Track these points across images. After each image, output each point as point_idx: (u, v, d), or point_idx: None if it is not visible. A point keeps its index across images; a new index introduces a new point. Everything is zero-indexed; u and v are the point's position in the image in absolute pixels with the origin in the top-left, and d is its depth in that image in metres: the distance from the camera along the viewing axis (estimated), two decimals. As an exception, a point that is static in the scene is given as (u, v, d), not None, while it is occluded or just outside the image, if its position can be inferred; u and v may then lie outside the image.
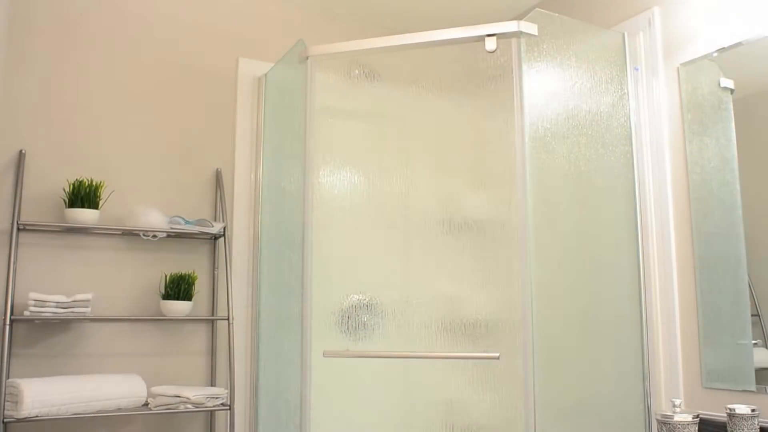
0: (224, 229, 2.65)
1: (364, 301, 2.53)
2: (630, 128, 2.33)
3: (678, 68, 2.25)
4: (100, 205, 2.47)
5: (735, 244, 1.98)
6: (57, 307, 2.30)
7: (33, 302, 2.27)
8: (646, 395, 2.18)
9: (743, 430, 1.81)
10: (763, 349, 1.90)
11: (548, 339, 2.19)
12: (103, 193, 2.60)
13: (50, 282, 2.48)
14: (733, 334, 1.98)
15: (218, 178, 2.79)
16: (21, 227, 2.40)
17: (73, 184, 2.41)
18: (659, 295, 2.21)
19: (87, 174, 2.58)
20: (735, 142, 2.01)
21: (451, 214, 2.59)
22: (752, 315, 1.92)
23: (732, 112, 2.02)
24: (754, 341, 1.92)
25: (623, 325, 2.26)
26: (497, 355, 2.21)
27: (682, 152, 2.21)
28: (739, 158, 1.99)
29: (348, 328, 2.50)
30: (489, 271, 2.49)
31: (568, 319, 2.27)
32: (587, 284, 2.32)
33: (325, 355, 2.32)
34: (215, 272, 2.76)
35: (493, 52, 2.25)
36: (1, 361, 2.26)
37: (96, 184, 2.45)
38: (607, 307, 2.29)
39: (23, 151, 2.48)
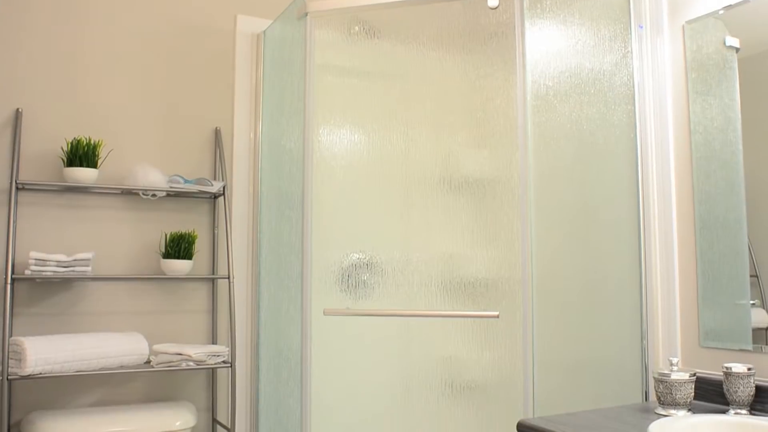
0: (224, 188, 2.64)
1: (364, 260, 2.53)
2: (633, 87, 2.31)
3: (683, 26, 2.21)
4: (98, 164, 2.47)
5: (736, 205, 1.98)
6: (58, 266, 2.31)
7: (34, 261, 2.28)
8: (643, 353, 2.19)
9: (739, 388, 1.83)
10: (761, 310, 1.91)
11: (548, 298, 2.20)
12: (102, 152, 2.59)
13: (50, 241, 2.49)
14: (731, 294, 1.98)
15: (217, 136, 2.77)
16: (20, 186, 2.39)
17: (71, 143, 2.40)
18: (659, 255, 2.22)
19: (85, 132, 2.57)
20: (739, 101, 1.98)
21: (451, 173, 2.58)
22: (751, 276, 1.93)
23: (737, 72, 1.99)
24: (752, 301, 1.93)
25: (623, 285, 2.27)
26: (497, 313, 2.22)
27: (685, 112, 2.18)
28: (743, 118, 1.97)
29: (348, 287, 2.51)
30: (489, 230, 2.49)
31: (567, 278, 2.28)
32: (587, 243, 2.32)
33: (326, 313, 2.34)
34: (215, 231, 2.77)
35: (496, 8, 2.21)
36: (4, 320, 2.28)
37: (94, 143, 2.44)
38: (607, 267, 2.30)
39: (20, 110, 2.46)
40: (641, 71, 2.31)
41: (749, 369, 1.83)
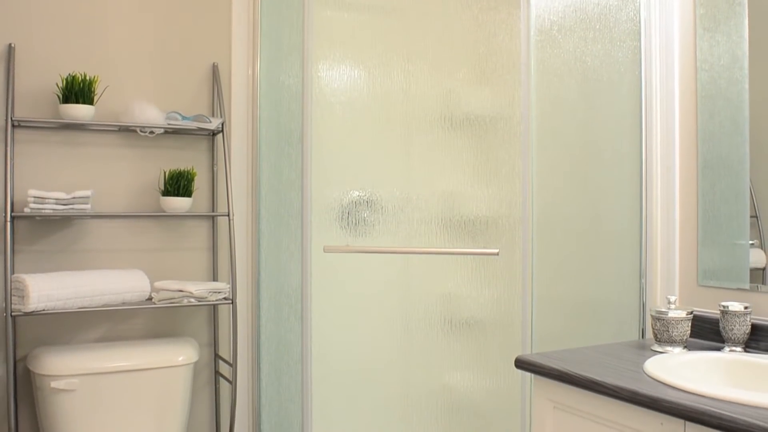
0: (222, 124, 2.61)
1: (364, 197, 2.53)
2: (639, 23, 2.25)
3: (692, -42, 2.15)
4: (95, 101, 2.43)
5: (739, 145, 1.96)
6: (57, 203, 2.31)
7: (33, 199, 2.27)
8: (642, 292, 2.21)
9: (735, 326, 1.85)
10: (759, 250, 1.91)
11: (548, 235, 2.20)
12: (98, 89, 2.55)
13: (48, 179, 2.47)
14: (730, 234, 1.98)
15: (215, 72, 2.73)
16: (15, 123, 2.36)
17: (66, 79, 2.36)
18: (660, 194, 2.21)
19: (80, 68, 2.52)
20: (747, 39, 1.94)
21: (452, 110, 2.55)
22: (751, 216, 1.92)
23: (746, 8, 1.94)
24: (750, 242, 1.93)
25: (623, 223, 2.27)
26: (496, 251, 2.23)
27: (691, 49, 2.14)
28: (750, 56, 1.93)
29: (348, 224, 2.51)
30: (490, 167, 2.48)
31: (568, 216, 2.28)
32: (589, 181, 2.31)
33: (326, 250, 2.35)
34: (214, 168, 2.75)
35: (500, -61, 2.14)
36: (5, 257, 2.29)
37: (90, 79, 2.40)
38: (608, 205, 2.30)
39: (12, 45, 2.41)
40: (648, 6, 2.25)
41: (746, 308, 1.85)
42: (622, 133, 2.29)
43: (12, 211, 2.29)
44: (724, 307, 1.87)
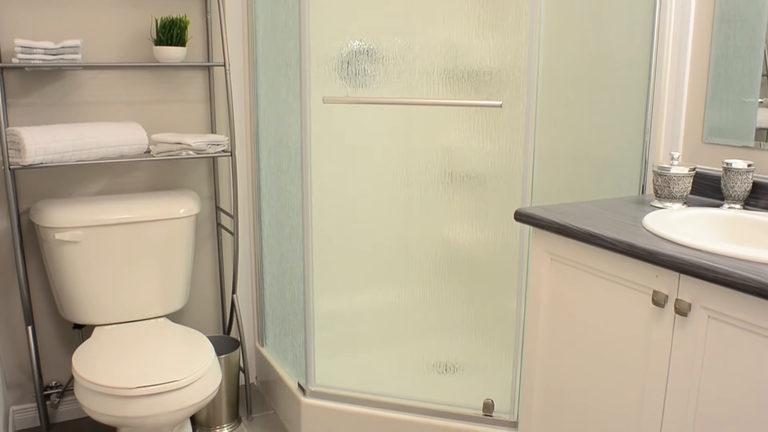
0: (214, -32, 2.48)
1: (365, 47, 2.45)
2: None
3: None
4: (77, -58, 2.29)
5: (759, -3, 1.86)
6: (46, 53, 2.23)
7: (20, 49, 2.19)
8: (645, 148, 2.20)
9: (736, 183, 1.85)
10: (766, 110, 1.88)
11: (552, 88, 2.16)
12: (79, -73, 2.39)
13: (34, 29, 2.37)
14: (740, 92, 1.93)
15: None
16: (-5, -33, 2.23)
17: None
18: (672, 47, 2.13)
19: None
20: None
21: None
22: (762, 75, 1.87)
23: None
24: (759, 100, 1.89)
25: (630, 78, 2.22)
26: (500, 103, 2.18)
27: None
28: None
29: (348, 75, 2.45)
30: (496, 15, 2.38)
31: (574, 69, 2.22)
32: (597, 33, 2.23)
33: (325, 101, 2.30)
34: (208, 16, 2.64)
35: None
36: (-2, 110, 2.24)
37: None
38: (616, 58, 2.23)
39: None
40: None
41: (749, 165, 1.84)
42: (636, -19, 2.18)
43: (0, 61, 2.22)
44: (727, 164, 1.86)
